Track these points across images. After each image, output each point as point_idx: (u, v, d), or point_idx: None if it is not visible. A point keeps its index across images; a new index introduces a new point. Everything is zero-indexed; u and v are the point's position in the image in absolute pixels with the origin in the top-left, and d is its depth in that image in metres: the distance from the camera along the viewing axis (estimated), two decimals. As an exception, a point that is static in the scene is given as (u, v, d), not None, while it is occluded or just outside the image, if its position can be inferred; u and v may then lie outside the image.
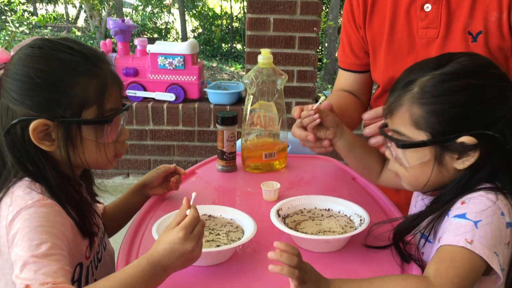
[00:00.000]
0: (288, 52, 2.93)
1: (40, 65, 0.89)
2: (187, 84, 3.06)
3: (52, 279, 0.75)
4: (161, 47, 3.01)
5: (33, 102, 0.88)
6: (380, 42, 1.31)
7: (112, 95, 0.95)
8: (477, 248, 0.79)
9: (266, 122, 1.39)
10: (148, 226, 1.07)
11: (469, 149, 0.87)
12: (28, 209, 0.84)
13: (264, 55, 1.32)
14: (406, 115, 0.91)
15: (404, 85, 0.93)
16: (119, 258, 0.95)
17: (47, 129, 0.89)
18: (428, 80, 0.89)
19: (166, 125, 3.09)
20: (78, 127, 0.91)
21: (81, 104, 0.90)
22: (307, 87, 3.01)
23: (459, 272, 0.78)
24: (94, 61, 0.94)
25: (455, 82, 0.88)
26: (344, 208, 1.10)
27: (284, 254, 0.77)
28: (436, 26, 1.19)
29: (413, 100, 0.90)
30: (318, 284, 0.79)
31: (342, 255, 0.99)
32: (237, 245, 0.93)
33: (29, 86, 0.88)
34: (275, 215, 1.03)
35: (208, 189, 1.30)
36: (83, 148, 0.93)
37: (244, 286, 0.88)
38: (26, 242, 0.79)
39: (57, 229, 0.84)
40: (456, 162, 0.89)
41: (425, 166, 0.91)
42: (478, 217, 0.83)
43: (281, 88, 1.37)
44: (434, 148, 0.90)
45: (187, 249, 0.82)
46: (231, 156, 1.39)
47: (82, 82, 0.91)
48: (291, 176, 1.38)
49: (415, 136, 0.90)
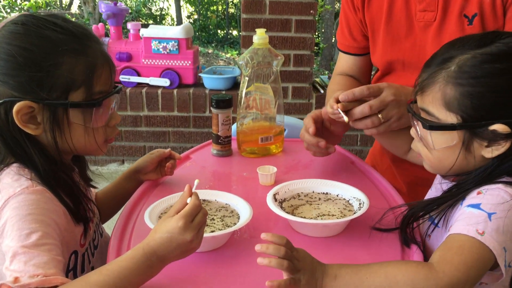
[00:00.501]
0: (284, 36, 2.88)
1: (23, 43, 0.84)
2: (181, 69, 3.00)
3: (43, 270, 0.72)
4: (155, 31, 2.95)
5: (16, 83, 0.83)
6: (378, 25, 1.29)
7: (101, 76, 0.89)
8: (488, 240, 0.75)
9: (262, 105, 1.35)
10: (141, 213, 1.04)
11: (501, 138, 0.81)
12: (16, 196, 0.80)
13: (260, 35, 1.28)
14: (438, 94, 0.85)
15: (441, 61, 0.86)
16: (110, 245, 0.92)
17: (32, 111, 0.85)
18: (468, 59, 0.83)
19: (161, 111, 3.05)
20: (65, 110, 0.86)
21: (67, 86, 0.85)
22: (303, 71, 2.96)
23: (465, 259, 0.75)
24: (82, 40, 0.88)
25: (497, 64, 0.81)
26: (343, 191, 1.07)
27: (270, 246, 0.74)
28: (433, 9, 1.17)
29: (448, 79, 0.84)
30: (312, 271, 0.76)
31: (341, 239, 0.96)
32: (232, 230, 0.90)
33: (11, 65, 0.83)
34: (271, 200, 1.00)
35: (203, 174, 1.27)
36: (70, 132, 0.88)
37: (240, 273, 0.85)
38: (15, 232, 0.76)
39: (48, 217, 0.80)
40: (484, 149, 0.84)
41: (451, 150, 0.86)
42: (493, 209, 0.79)
43: (277, 70, 1.33)
44: (463, 132, 0.84)
45: (186, 240, 0.78)
46: (227, 140, 1.35)
47: (68, 62, 0.85)
48: (288, 161, 1.35)
49: (444, 118, 0.85)
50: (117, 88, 0.95)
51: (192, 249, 0.80)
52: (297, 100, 3.02)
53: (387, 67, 1.32)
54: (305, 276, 0.75)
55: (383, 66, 1.33)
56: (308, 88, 3.00)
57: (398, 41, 1.25)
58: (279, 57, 1.32)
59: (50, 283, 0.71)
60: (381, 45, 1.30)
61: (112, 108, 0.95)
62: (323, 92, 3.02)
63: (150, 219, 0.92)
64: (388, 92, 1.05)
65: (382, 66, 1.33)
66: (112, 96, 0.93)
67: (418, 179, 1.30)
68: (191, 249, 0.80)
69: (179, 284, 0.82)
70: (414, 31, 1.22)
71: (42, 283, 0.71)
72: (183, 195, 0.83)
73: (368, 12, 1.31)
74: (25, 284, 0.70)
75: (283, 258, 0.74)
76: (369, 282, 0.75)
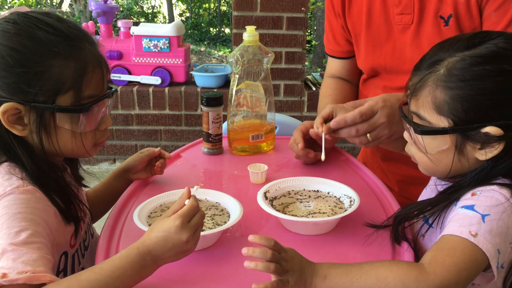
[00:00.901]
0: (275, 33, 2.87)
1: (13, 43, 0.82)
2: (173, 67, 2.99)
3: (32, 268, 0.71)
4: (146, 29, 2.93)
5: (4, 83, 0.82)
6: (360, 30, 1.30)
7: (92, 80, 0.87)
8: (481, 242, 0.75)
9: (252, 102, 1.34)
10: (130, 212, 1.02)
11: (494, 140, 0.80)
12: (7, 196, 0.79)
13: (250, 33, 1.27)
14: (428, 98, 0.84)
15: (430, 64, 0.85)
16: (99, 245, 0.91)
17: (19, 113, 0.83)
18: (457, 61, 0.81)
19: (152, 109, 3.04)
20: (52, 114, 0.85)
21: (55, 89, 0.83)
22: (295, 68, 2.96)
23: (457, 261, 0.74)
24: (74, 41, 0.86)
25: (486, 66, 0.79)
26: (334, 189, 1.07)
27: (257, 249, 0.73)
28: (410, 11, 1.17)
29: (438, 83, 0.83)
30: (301, 271, 0.76)
31: (332, 237, 0.95)
32: (222, 229, 0.89)
33: (1, 66, 0.82)
34: (262, 198, 1.00)
35: (193, 172, 1.26)
36: (57, 136, 0.87)
37: (231, 272, 0.84)
38: (5, 230, 0.74)
39: (38, 216, 0.79)
40: (478, 152, 0.83)
41: (444, 154, 0.86)
42: (487, 211, 0.78)
43: (268, 67, 1.33)
44: (455, 136, 0.83)
45: (181, 240, 0.77)
46: (217, 138, 1.34)
47: (58, 65, 0.83)
48: (279, 158, 1.35)
49: (436, 122, 0.84)
50: (109, 92, 0.92)
51: (187, 250, 0.79)
52: (289, 98, 3.02)
53: (371, 71, 1.33)
54: (294, 277, 0.75)
55: (367, 70, 1.34)
56: (300, 86, 2.99)
57: (379, 46, 1.26)
58: (270, 55, 1.31)
59: (39, 280, 0.70)
60: (364, 50, 1.31)
61: (103, 112, 0.93)
62: (315, 89, 3.01)
63: (139, 219, 0.91)
64: (382, 114, 1.03)
65: (366, 70, 1.35)
66: (103, 100, 0.90)
67: (408, 178, 1.30)
68: (186, 251, 0.79)
69: (169, 283, 0.81)
70: (394, 34, 1.22)
71: (30, 279, 0.70)
72: (181, 197, 0.83)
73: (349, 18, 1.32)
74: (12, 279, 0.69)
75: (270, 261, 0.73)
76: (360, 283, 0.74)
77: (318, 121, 1.09)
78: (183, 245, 0.77)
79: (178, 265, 0.83)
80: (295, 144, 1.23)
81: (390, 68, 1.26)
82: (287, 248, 0.77)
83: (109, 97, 0.92)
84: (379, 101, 1.04)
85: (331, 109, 1.10)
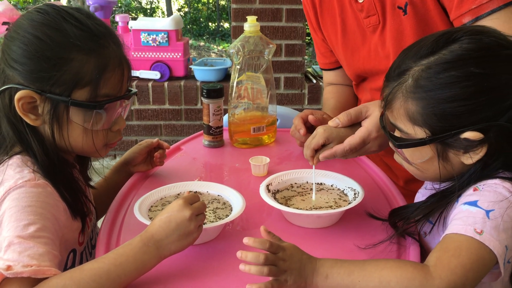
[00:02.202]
0: (275, 25, 2.84)
1: (38, 32, 0.83)
2: (172, 61, 2.96)
3: (38, 262, 0.70)
4: (144, 23, 2.90)
5: (24, 71, 0.83)
6: (336, 39, 1.32)
7: (111, 79, 0.87)
8: (487, 239, 0.72)
9: (254, 94, 1.32)
10: (131, 205, 1.01)
11: (475, 144, 0.77)
12: (18, 188, 0.78)
13: (251, 23, 1.25)
14: (401, 110, 0.82)
15: (398, 74, 0.82)
16: (99, 238, 0.89)
17: (34, 101, 0.84)
18: (423, 70, 0.78)
19: (152, 104, 3.01)
20: (66, 107, 0.85)
21: (73, 82, 0.83)
22: (295, 61, 2.93)
23: (463, 262, 0.71)
24: (99, 39, 0.86)
25: (452, 72, 0.76)
26: (337, 182, 1.05)
27: (249, 253, 0.72)
28: (374, 12, 1.18)
29: (407, 95, 0.80)
30: (300, 269, 0.73)
31: (336, 230, 0.93)
32: (224, 222, 0.87)
33: (23, 53, 0.83)
34: (264, 190, 0.98)
35: (194, 165, 1.24)
36: (68, 130, 0.87)
37: (233, 265, 0.82)
38: (13, 223, 0.73)
39: (48, 211, 0.78)
40: (462, 156, 0.80)
41: (429, 162, 0.83)
42: (491, 206, 0.75)
43: (269, 58, 1.30)
44: (435, 145, 0.81)
45: (184, 217, 0.77)
46: (218, 130, 1.32)
47: (79, 59, 0.84)
48: (281, 151, 1.33)
49: (413, 133, 0.81)
50: (126, 94, 0.92)
51: (190, 233, 0.78)
52: (289, 91, 3.00)
53: (356, 77, 1.35)
54: (292, 276, 0.73)
55: (353, 77, 1.36)
56: (300, 78, 2.97)
57: (357, 52, 1.27)
58: (271, 45, 1.29)
59: (44, 274, 0.69)
60: (343, 58, 1.33)
61: (118, 113, 0.92)
62: (316, 82, 2.99)
63: (140, 212, 0.89)
64: (373, 144, 1.01)
65: (352, 77, 1.37)
66: (119, 101, 0.90)
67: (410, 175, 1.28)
68: (189, 233, 0.78)
69: (171, 277, 0.79)
70: (367, 37, 1.24)
71: (35, 273, 0.68)
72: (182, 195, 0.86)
73: (325, 30, 1.35)
74: (18, 272, 0.67)
75: (264, 264, 0.71)
76: (361, 286, 0.72)
77: (308, 154, 1.06)
78: (186, 225, 0.77)
79: (180, 259, 0.82)
80: (297, 131, 1.21)
81: (370, 70, 1.27)
82: (287, 245, 0.75)
83: (125, 99, 0.91)
84: (373, 131, 1.00)
85: (324, 139, 1.05)
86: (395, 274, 0.71)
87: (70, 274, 0.71)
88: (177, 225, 0.77)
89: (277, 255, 0.73)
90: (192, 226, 0.78)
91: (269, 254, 0.72)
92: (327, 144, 1.05)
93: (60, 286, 0.68)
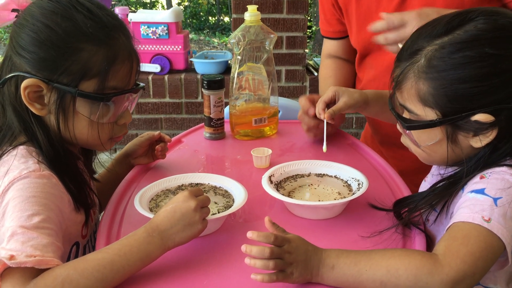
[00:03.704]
0: (276, 17, 2.82)
1: (48, 20, 0.82)
2: (172, 54, 2.94)
3: (41, 253, 0.69)
4: (143, 15, 2.88)
5: (32, 59, 0.82)
6: (350, 3, 1.28)
7: (119, 72, 0.86)
8: (495, 227, 0.70)
9: (255, 85, 1.31)
10: (131, 198, 0.99)
11: (486, 127, 0.76)
12: (22, 179, 0.77)
13: (251, 12, 1.23)
14: (412, 91, 0.80)
15: (410, 54, 0.81)
16: (99, 231, 0.88)
17: (40, 91, 0.83)
18: (436, 50, 0.77)
19: (152, 97, 2.99)
20: (73, 98, 0.84)
21: (81, 73, 0.82)
22: (296, 53, 2.91)
23: (472, 250, 0.69)
24: (110, 30, 0.85)
25: (466, 52, 0.74)
26: (340, 172, 1.04)
27: (254, 247, 0.71)
28: None
29: (419, 75, 0.79)
30: (306, 261, 0.72)
31: (340, 221, 0.92)
32: (227, 213, 0.86)
33: (32, 41, 0.82)
34: (267, 182, 0.96)
35: (195, 157, 1.23)
36: (74, 121, 0.86)
37: (235, 257, 0.81)
38: (17, 213, 0.72)
39: (53, 202, 0.77)
40: (472, 139, 0.79)
41: (437, 145, 0.82)
42: (499, 194, 0.74)
43: (270, 49, 1.29)
44: (445, 127, 0.79)
45: (190, 207, 0.77)
46: (219, 122, 1.31)
47: (88, 49, 0.82)
48: (283, 143, 1.31)
49: (423, 114, 0.80)
50: (134, 87, 0.90)
51: (195, 224, 0.78)
52: (290, 83, 2.98)
53: (365, 48, 1.30)
54: (298, 268, 0.72)
55: (360, 47, 1.32)
56: (301, 71, 2.95)
57: (370, 17, 1.22)
58: (272, 35, 1.27)
59: (47, 264, 0.68)
60: (355, 24, 1.29)
61: (125, 106, 0.91)
62: (317, 74, 2.97)
63: (140, 204, 0.88)
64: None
65: (359, 47, 1.32)
66: (126, 95, 0.88)
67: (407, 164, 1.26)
68: (194, 223, 0.77)
69: (173, 269, 0.78)
70: (383, 3, 1.19)
71: (38, 263, 0.67)
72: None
73: None
74: (20, 262, 0.66)
75: (269, 258, 0.70)
76: (369, 275, 0.71)
77: (320, 106, 1.06)
78: (191, 215, 0.77)
79: (182, 250, 0.81)
80: (305, 113, 1.18)
81: None
82: (292, 237, 0.74)
83: (133, 93, 0.90)
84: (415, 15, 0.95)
85: (333, 92, 1.07)
86: (403, 263, 0.70)
87: (74, 264, 0.70)
88: (182, 215, 0.77)
89: (282, 248, 0.72)
90: (197, 216, 0.78)
91: (274, 247, 0.71)
92: (336, 100, 1.08)
93: (64, 276, 0.67)
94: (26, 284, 0.66)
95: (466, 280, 0.69)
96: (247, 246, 0.71)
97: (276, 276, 0.70)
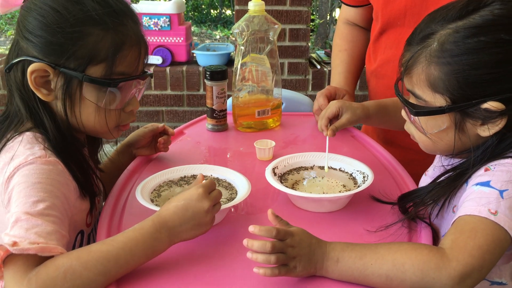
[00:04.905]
0: (279, 9, 2.79)
1: (56, 4, 0.80)
2: (174, 46, 2.92)
3: (45, 240, 0.67)
4: (145, 6, 2.85)
5: (39, 43, 0.80)
6: None
7: (127, 57, 0.84)
8: (502, 220, 0.69)
9: (258, 77, 1.29)
10: (133, 189, 0.98)
11: (495, 115, 0.74)
12: (28, 165, 0.75)
13: (255, 2, 1.21)
14: (422, 75, 0.78)
15: (422, 38, 0.79)
16: (100, 222, 0.86)
17: (47, 75, 0.81)
18: (450, 34, 0.75)
19: (154, 89, 2.97)
20: (80, 83, 0.82)
21: (88, 57, 0.81)
22: (300, 46, 2.88)
23: (479, 243, 0.68)
24: (118, 15, 0.83)
25: (481, 37, 0.72)
26: (345, 165, 1.02)
27: (255, 242, 0.69)
28: None
29: (430, 59, 0.77)
30: (310, 255, 0.71)
31: (344, 214, 0.91)
32: (230, 205, 0.85)
33: (39, 25, 0.80)
34: (270, 174, 0.95)
35: (198, 149, 1.22)
36: (80, 107, 0.84)
37: (238, 250, 0.80)
38: (21, 199, 0.71)
39: (58, 189, 0.76)
40: (479, 128, 0.77)
41: (444, 133, 0.80)
42: (505, 186, 0.72)
43: (274, 39, 1.27)
44: (453, 114, 0.77)
45: (203, 208, 0.75)
46: (222, 114, 1.29)
47: (96, 34, 0.81)
48: (287, 135, 1.30)
49: (432, 100, 0.78)
50: (142, 74, 0.89)
51: (205, 224, 0.77)
52: (293, 76, 2.95)
53: (388, 22, 1.25)
54: (301, 262, 0.70)
55: (385, 19, 1.25)
56: (304, 64, 2.93)
57: None
58: (276, 26, 1.25)
59: (50, 252, 0.67)
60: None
61: (133, 93, 0.89)
62: (320, 67, 2.95)
63: (142, 195, 0.86)
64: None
65: (384, 19, 1.26)
66: (134, 81, 0.87)
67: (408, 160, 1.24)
68: (204, 224, 0.76)
69: (175, 261, 0.77)
70: None
71: (42, 251, 0.66)
72: (197, 180, 0.82)
73: None
74: (24, 248, 0.65)
75: (271, 253, 0.69)
76: (374, 269, 0.69)
77: (323, 123, 1.04)
78: (202, 216, 0.76)
79: (184, 243, 0.79)
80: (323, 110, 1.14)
81: (412, 13, 1.17)
82: (295, 231, 0.72)
83: (141, 79, 0.89)
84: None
85: (337, 108, 1.06)
86: (409, 257, 0.69)
87: (77, 254, 0.68)
88: (194, 214, 0.75)
89: (285, 242, 0.70)
90: (208, 218, 0.77)
91: (276, 241, 0.70)
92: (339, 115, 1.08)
93: (67, 266, 0.66)
94: (28, 271, 0.65)
95: (474, 274, 0.67)
96: (249, 240, 0.70)
97: (278, 270, 0.69)
